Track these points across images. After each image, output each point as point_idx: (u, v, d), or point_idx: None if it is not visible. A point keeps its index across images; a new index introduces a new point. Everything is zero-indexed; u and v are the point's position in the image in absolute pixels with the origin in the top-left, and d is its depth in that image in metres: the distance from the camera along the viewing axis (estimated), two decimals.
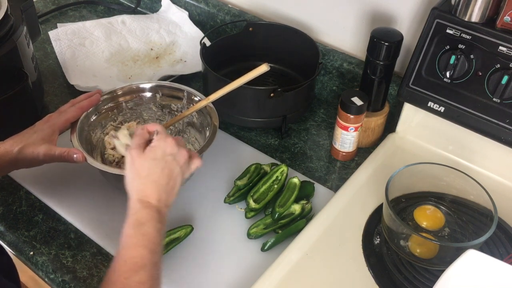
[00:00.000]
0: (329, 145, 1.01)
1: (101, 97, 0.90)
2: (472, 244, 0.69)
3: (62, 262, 0.79)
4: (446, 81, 0.84)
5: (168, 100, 0.95)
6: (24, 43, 0.92)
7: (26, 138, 0.79)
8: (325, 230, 0.82)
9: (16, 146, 0.77)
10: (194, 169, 0.74)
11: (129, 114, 0.95)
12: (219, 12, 1.24)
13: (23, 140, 0.78)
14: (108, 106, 0.92)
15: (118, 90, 0.93)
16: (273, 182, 0.88)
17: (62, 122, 0.82)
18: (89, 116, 0.88)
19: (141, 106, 0.95)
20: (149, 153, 0.69)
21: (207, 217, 0.85)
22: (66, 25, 1.24)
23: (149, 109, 0.96)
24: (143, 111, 0.96)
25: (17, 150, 0.77)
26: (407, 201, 0.83)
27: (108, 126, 0.93)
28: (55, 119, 0.82)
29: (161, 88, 0.94)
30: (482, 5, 0.77)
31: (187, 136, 0.94)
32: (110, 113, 0.93)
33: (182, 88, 0.93)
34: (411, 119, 0.97)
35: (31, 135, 0.79)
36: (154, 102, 0.95)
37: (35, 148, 0.78)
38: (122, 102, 0.93)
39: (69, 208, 0.86)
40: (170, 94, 0.94)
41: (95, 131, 0.90)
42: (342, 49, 1.11)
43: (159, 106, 0.95)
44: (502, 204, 0.79)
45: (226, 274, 0.77)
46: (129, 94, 0.93)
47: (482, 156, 0.91)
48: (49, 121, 0.82)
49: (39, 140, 0.79)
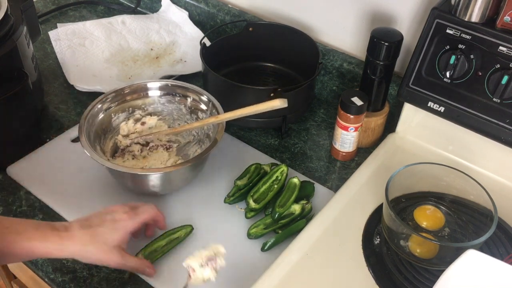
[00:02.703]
0: (329, 145, 1.01)
1: (133, 85, 0.93)
2: (472, 244, 0.69)
3: (62, 262, 0.79)
4: (446, 81, 0.84)
5: (196, 107, 0.95)
6: (24, 43, 0.92)
7: (98, 237, 0.69)
8: (325, 230, 0.82)
9: (84, 244, 0.68)
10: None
11: (160, 108, 0.97)
12: (219, 12, 1.24)
13: (95, 239, 0.69)
14: (141, 94, 0.95)
15: (154, 83, 0.95)
16: (273, 182, 0.88)
17: (136, 226, 0.74)
18: (117, 98, 0.92)
19: (173, 104, 0.97)
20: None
21: (207, 217, 0.85)
22: (66, 25, 1.24)
23: (179, 110, 0.97)
24: (174, 110, 0.97)
25: (81, 247, 0.68)
26: (407, 201, 0.83)
27: (136, 113, 0.95)
28: (126, 222, 0.72)
29: (192, 92, 0.95)
30: (482, 5, 0.77)
31: (204, 146, 0.94)
32: (140, 102, 0.95)
33: (209, 99, 0.92)
34: (411, 119, 0.97)
35: (104, 235, 0.70)
36: (185, 105, 0.96)
37: (108, 252, 0.69)
38: (155, 96, 0.96)
39: (69, 208, 0.86)
40: (199, 100, 0.94)
41: (118, 114, 0.93)
42: (342, 49, 1.11)
43: (188, 110, 0.96)
44: (502, 204, 0.79)
45: (226, 274, 0.77)
46: (164, 90, 0.96)
47: (482, 156, 0.91)
48: (120, 221, 0.72)
49: (111, 243, 0.70)
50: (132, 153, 0.94)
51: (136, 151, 0.94)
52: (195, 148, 0.95)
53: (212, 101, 0.92)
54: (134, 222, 0.73)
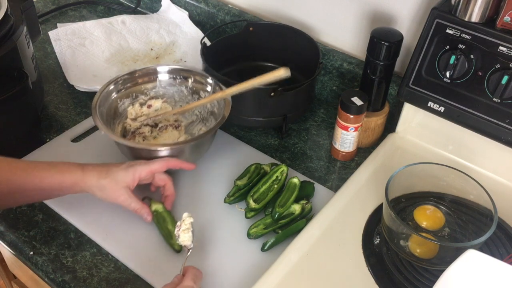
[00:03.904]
0: (329, 145, 1.01)
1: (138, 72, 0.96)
2: (472, 244, 0.69)
3: (62, 262, 0.79)
4: (446, 81, 0.84)
5: (198, 87, 0.98)
6: (24, 43, 0.92)
7: (111, 174, 0.78)
8: (325, 230, 0.82)
9: (99, 178, 0.77)
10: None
11: (161, 92, 1.00)
12: (219, 12, 1.24)
13: (109, 175, 0.78)
14: (143, 80, 0.97)
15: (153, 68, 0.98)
16: (273, 182, 0.88)
17: (146, 172, 0.81)
18: (120, 84, 0.94)
19: (174, 87, 0.99)
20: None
21: (207, 217, 0.85)
22: (66, 25, 1.24)
23: (180, 92, 1.00)
24: (175, 92, 1.00)
25: (97, 182, 0.77)
26: (407, 201, 0.83)
27: (139, 98, 0.98)
28: (139, 166, 0.80)
29: (194, 73, 0.98)
30: (482, 5, 0.77)
31: (208, 124, 0.97)
32: (143, 87, 0.98)
33: (212, 79, 0.96)
34: (411, 119, 0.97)
35: (117, 173, 0.78)
36: (186, 86, 0.99)
37: (116, 189, 0.78)
38: (157, 79, 0.98)
39: (69, 208, 0.86)
40: (200, 81, 0.98)
41: (123, 100, 0.96)
42: (342, 49, 1.11)
43: (190, 91, 0.99)
44: (502, 204, 0.79)
45: (226, 274, 0.77)
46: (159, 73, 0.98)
47: (482, 156, 0.91)
48: (134, 165, 0.80)
49: (122, 181, 0.78)
50: (143, 135, 0.95)
51: (147, 132, 0.96)
52: (200, 127, 0.98)
53: (214, 80, 0.95)
54: (144, 168, 0.80)
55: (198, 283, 0.70)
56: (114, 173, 0.78)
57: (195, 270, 0.71)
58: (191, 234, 0.77)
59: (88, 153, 0.95)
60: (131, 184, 0.79)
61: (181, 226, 0.77)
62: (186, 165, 0.85)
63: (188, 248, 0.76)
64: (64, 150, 0.96)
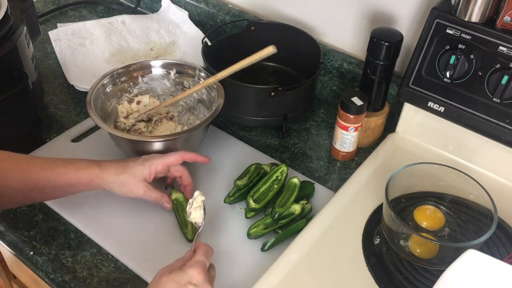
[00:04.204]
0: (329, 145, 1.01)
1: (117, 71, 0.96)
2: (472, 244, 0.69)
3: (62, 262, 0.79)
4: (446, 81, 0.84)
5: (181, 78, 1.00)
6: (24, 43, 0.92)
7: (128, 169, 0.80)
8: (325, 230, 0.82)
9: (117, 174, 0.79)
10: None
11: (144, 88, 1.01)
12: (219, 12, 1.24)
13: (126, 170, 0.79)
14: (124, 79, 0.98)
15: (133, 66, 0.99)
16: (273, 182, 0.88)
17: (162, 165, 0.82)
18: (105, 86, 0.95)
19: (156, 81, 1.01)
20: (175, 275, 0.67)
21: (207, 217, 0.85)
22: (66, 25, 1.24)
23: (163, 85, 1.01)
24: (158, 86, 1.01)
25: (116, 178, 0.79)
26: (407, 201, 0.83)
27: (124, 97, 0.99)
28: (155, 160, 0.82)
29: (175, 65, 1.00)
30: (482, 5, 0.77)
31: (196, 113, 0.99)
32: (126, 85, 0.99)
33: (194, 66, 0.98)
34: (411, 119, 0.97)
35: (134, 168, 0.80)
36: (168, 79, 1.01)
37: (135, 184, 0.80)
38: (138, 76, 0.99)
39: (69, 208, 0.86)
40: (183, 71, 1.00)
41: (111, 100, 0.97)
42: (342, 49, 1.11)
43: (173, 83, 1.01)
44: (502, 204, 0.79)
45: (226, 274, 0.77)
46: (144, 69, 1.00)
47: (482, 156, 0.91)
48: (150, 159, 0.82)
49: (139, 176, 0.80)
50: (139, 131, 0.96)
51: (143, 128, 0.97)
52: (188, 116, 1.00)
53: (198, 67, 0.97)
54: (159, 162, 0.82)
55: (209, 259, 0.71)
56: (131, 168, 0.80)
57: (206, 246, 0.72)
58: (202, 212, 0.79)
59: (88, 153, 0.95)
60: (148, 177, 0.81)
61: (192, 204, 0.79)
62: (200, 158, 0.87)
63: (198, 225, 0.79)
64: (64, 150, 0.96)
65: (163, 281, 0.66)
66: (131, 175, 0.79)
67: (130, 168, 0.80)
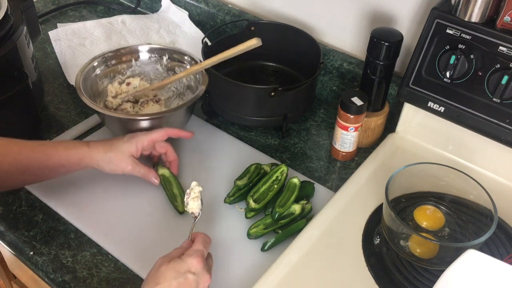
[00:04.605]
0: (329, 145, 1.01)
1: (110, 53, 1.00)
2: (472, 244, 0.69)
3: (62, 262, 0.79)
4: (446, 81, 0.84)
5: (173, 64, 1.04)
6: (24, 43, 0.92)
7: (116, 146, 0.83)
8: (325, 230, 0.82)
9: (105, 152, 0.82)
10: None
11: (137, 71, 1.05)
12: (219, 12, 1.24)
13: (113, 147, 0.83)
14: (118, 61, 1.02)
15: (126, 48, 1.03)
16: (273, 182, 0.88)
17: (147, 141, 0.85)
18: (97, 66, 0.99)
19: (149, 65, 1.05)
20: (175, 264, 0.67)
21: (207, 217, 0.85)
22: (66, 25, 1.24)
23: (156, 70, 1.06)
24: (151, 71, 1.06)
25: (104, 155, 0.82)
26: (407, 201, 0.83)
27: (116, 78, 1.03)
28: (141, 136, 0.85)
29: (168, 51, 1.04)
30: (482, 5, 0.77)
31: (185, 98, 1.02)
32: (119, 67, 1.03)
33: (185, 53, 1.02)
34: (411, 119, 0.97)
35: (121, 145, 0.83)
36: (161, 64, 1.05)
37: (123, 159, 0.83)
38: (132, 59, 1.04)
39: (69, 208, 0.86)
40: (175, 58, 1.04)
41: (103, 80, 1.01)
42: (342, 49, 1.11)
43: (165, 68, 1.05)
44: (502, 204, 0.79)
45: (226, 274, 0.77)
46: (137, 53, 1.04)
47: (482, 156, 0.91)
48: (135, 136, 0.85)
49: (127, 152, 0.83)
50: (125, 111, 0.99)
51: (129, 108, 0.99)
52: (177, 101, 1.03)
53: (190, 54, 1.01)
54: (145, 138, 0.85)
55: (207, 248, 0.72)
56: (118, 146, 0.83)
57: (204, 235, 0.73)
58: (199, 202, 0.80)
59: None
60: (135, 153, 0.84)
61: (190, 194, 0.80)
62: (184, 134, 0.90)
63: (196, 215, 0.79)
64: None
65: (162, 270, 0.67)
66: (119, 152, 0.82)
67: (117, 146, 0.83)
